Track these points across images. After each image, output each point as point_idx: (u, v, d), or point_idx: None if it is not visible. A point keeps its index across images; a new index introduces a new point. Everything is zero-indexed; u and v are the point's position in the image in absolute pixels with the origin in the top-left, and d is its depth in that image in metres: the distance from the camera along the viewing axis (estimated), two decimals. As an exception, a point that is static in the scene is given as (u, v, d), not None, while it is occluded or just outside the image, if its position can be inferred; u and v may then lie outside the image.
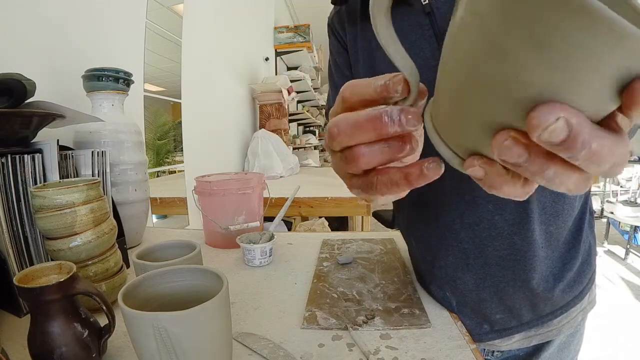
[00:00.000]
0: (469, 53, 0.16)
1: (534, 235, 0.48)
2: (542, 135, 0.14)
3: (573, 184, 0.17)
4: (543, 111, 0.14)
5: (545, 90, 0.14)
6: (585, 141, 0.14)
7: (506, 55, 0.14)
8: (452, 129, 0.20)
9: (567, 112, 0.14)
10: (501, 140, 0.16)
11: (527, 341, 0.55)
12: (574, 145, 0.14)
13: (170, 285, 0.38)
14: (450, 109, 0.19)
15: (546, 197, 0.48)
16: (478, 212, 0.48)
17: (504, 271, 0.50)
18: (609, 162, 0.15)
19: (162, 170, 1.45)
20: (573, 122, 0.14)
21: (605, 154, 0.15)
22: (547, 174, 0.16)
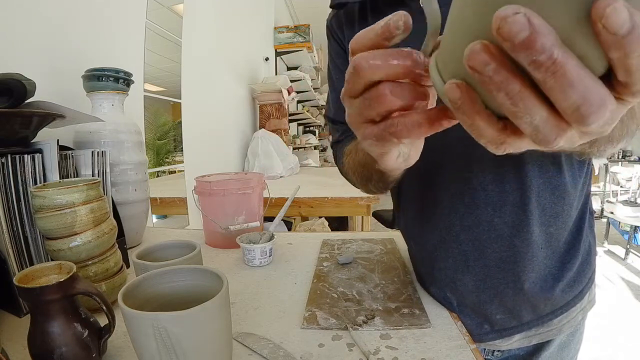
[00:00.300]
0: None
1: (533, 236, 0.48)
2: (502, 29, 0.14)
3: (541, 119, 0.16)
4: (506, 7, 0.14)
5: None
6: (545, 45, 0.13)
7: None
8: (446, 54, 0.20)
9: (530, 13, 0.13)
10: (471, 45, 0.16)
11: (527, 341, 0.55)
12: (534, 46, 0.13)
13: (170, 285, 0.38)
14: (447, 36, 0.20)
15: (546, 199, 0.48)
16: (477, 214, 0.49)
17: (504, 273, 0.50)
18: (577, 89, 0.14)
19: (162, 170, 1.45)
20: (534, 21, 0.13)
21: (572, 74, 0.14)
22: (512, 89, 0.16)
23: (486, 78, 0.16)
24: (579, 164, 0.51)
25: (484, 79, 0.16)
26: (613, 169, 4.15)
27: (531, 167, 0.47)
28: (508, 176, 0.47)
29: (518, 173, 0.47)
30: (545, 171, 0.47)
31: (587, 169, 0.53)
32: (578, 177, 0.51)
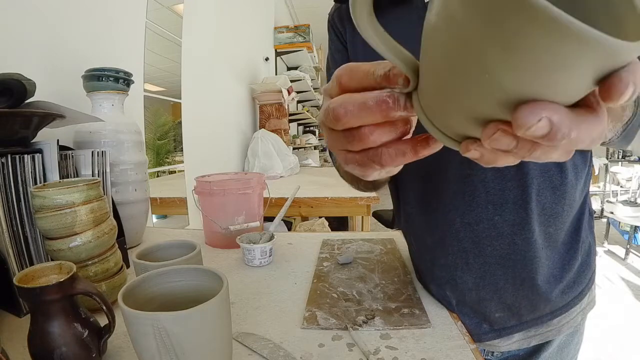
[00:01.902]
0: (451, 56, 0.17)
1: (534, 236, 0.48)
2: (526, 133, 0.16)
3: (557, 156, 0.19)
4: (526, 112, 0.15)
5: (526, 91, 0.15)
6: (565, 133, 0.16)
7: (485, 61, 0.15)
8: (441, 117, 0.21)
9: (548, 110, 0.15)
10: (490, 132, 0.18)
11: (526, 341, 0.55)
12: (555, 138, 0.16)
13: (170, 285, 0.38)
14: (437, 101, 0.20)
15: (546, 198, 0.48)
16: (478, 212, 0.49)
17: (504, 270, 0.50)
18: (586, 141, 0.17)
19: (162, 170, 1.44)
20: (554, 120, 0.15)
21: (584, 137, 0.16)
22: (534, 155, 0.18)
23: (511, 152, 0.18)
24: (582, 163, 0.51)
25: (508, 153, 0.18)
26: (613, 169, 4.15)
27: (532, 165, 0.47)
28: (509, 174, 0.47)
29: (519, 171, 0.47)
30: (546, 170, 0.47)
31: (588, 169, 0.53)
32: (579, 178, 0.51)
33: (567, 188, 0.49)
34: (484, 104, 0.17)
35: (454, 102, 0.19)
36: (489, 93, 0.16)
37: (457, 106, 0.19)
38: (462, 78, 0.17)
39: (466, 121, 0.19)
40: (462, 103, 0.18)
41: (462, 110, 0.19)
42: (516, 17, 0.13)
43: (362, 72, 0.24)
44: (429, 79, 0.20)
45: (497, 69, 0.15)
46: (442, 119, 0.21)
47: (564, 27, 0.12)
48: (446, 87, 0.18)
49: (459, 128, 0.20)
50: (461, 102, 0.18)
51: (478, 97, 0.17)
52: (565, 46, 0.13)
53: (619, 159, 5.04)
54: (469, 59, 0.16)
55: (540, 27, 0.13)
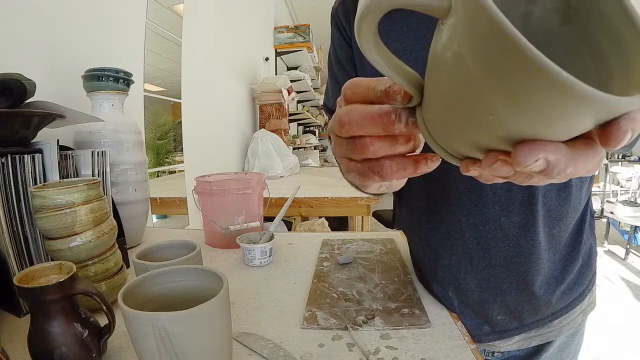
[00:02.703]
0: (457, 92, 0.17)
1: (539, 237, 0.48)
2: (524, 170, 0.17)
3: (556, 180, 0.20)
4: (525, 153, 0.16)
5: (527, 132, 0.16)
6: (561, 169, 0.17)
7: (491, 106, 0.16)
8: (443, 137, 0.22)
9: (546, 151, 0.16)
10: (490, 162, 0.19)
11: (527, 342, 0.55)
12: (551, 173, 0.17)
13: (170, 285, 0.38)
14: (440, 123, 0.21)
15: (552, 200, 0.48)
16: (484, 213, 0.48)
17: (508, 272, 0.50)
18: (582, 172, 0.18)
19: (162, 170, 1.44)
20: (551, 159, 0.16)
21: (579, 171, 0.17)
22: (532, 181, 0.19)
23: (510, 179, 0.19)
24: None
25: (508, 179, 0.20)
26: (613, 169, 4.15)
27: None
28: None
29: None
30: None
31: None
32: (584, 180, 0.51)
33: (572, 190, 0.49)
34: (486, 138, 0.18)
35: (456, 130, 0.20)
36: (491, 130, 0.17)
37: (460, 134, 0.20)
38: (466, 113, 0.18)
39: (468, 146, 0.20)
40: (465, 133, 0.19)
41: (464, 138, 0.19)
42: (525, 74, 0.14)
43: (364, 87, 0.25)
44: (433, 102, 0.20)
45: (501, 114, 0.16)
46: (444, 139, 0.22)
47: (568, 87, 0.13)
48: (450, 116, 0.19)
49: (460, 149, 0.21)
50: (464, 132, 0.19)
51: (481, 131, 0.18)
52: (568, 103, 0.14)
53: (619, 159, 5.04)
54: (476, 99, 0.16)
55: (545, 85, 0.13)
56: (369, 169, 0.26)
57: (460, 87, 0.17)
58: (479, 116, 0.17)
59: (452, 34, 0.16)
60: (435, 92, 0.20)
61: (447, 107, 0.19)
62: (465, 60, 0.16)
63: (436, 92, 0.20)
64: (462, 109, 0.18)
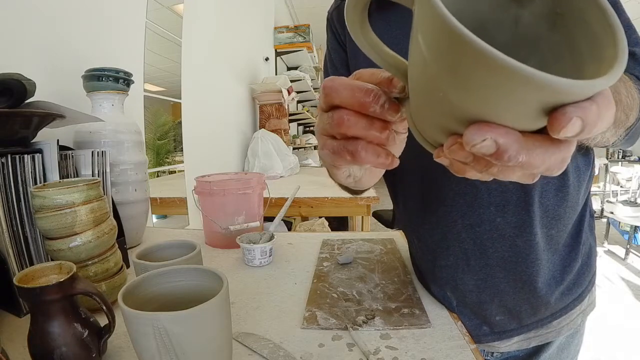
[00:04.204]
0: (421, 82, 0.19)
1: (536, 238, 0.48)
2: (473, 149, 0.17)
3: (518, 177, 0.19)
4: (472, 131, 0.17)
5: (479, 114, 0.17)
6: (512, 156, 0.16)
7: (439, 82, 0.17)
8: (421, 124, 0.23)
9: (494, 132, 0.16)
10: (449, 144, 0.19)
11: (526, 342, 0.55)
12: (502, 158, 0.17)
13: (170, 285, 0.38)
14: (418, 110, 0.22)
15: (549, 200, 0.48)
16: (480, 213, 0.48)
17: (505, 273, 0.50)
18: (542, 167, 0.17)
19: (162, 170, 1.44)
20: (500, 142, 0.16)
21: (537, 162, 0.17)
22: (492, 171, 0.19)
23: (470, 166, 0.19)
24: (585, 165, 0.51)
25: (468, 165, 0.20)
26: (613, 169, 4.15)
27: None
28: None
29: None
30: None
31: (591, 171, 0.53)
32: (582, 180, 0.51)
33: (570, 190, 0.48)
34: (446, 119, 0.19)
35: (427, 112, 0.21)
36: (447, 110, 0.18)
37: (429, 116, 0.21)
38: (428, 93, 0.19)
39: (437, 130, 0.21)
40: (432, 114, 0.20)
41: (433, 120, 0.21)
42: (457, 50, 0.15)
43: (369, 73, 0.25)
44: (411, 88, 0.22)
45: (450, 92, 0.17)
46: (422, 125, 0.23)
47: (495, 63, 0.13)
48: (421, 99, 0.20)
49: (433, 135, 0.22)
50: (431, 113, 0.20)
51: (440, 112, 0.19)
52: (501, 81, 0.14)
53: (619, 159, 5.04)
54: (430, 79, 0.18)
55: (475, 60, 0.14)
56: (343, 147, 0.26)
57: (420, 67, 0.18)
58: (435, 94, 0.18)
59: (414, 22, 0.18)
60: (411, 78, 0.21)
61: (417, 90, 0.20)
62: (419, 40, 0.17)
63: (411, 78, 0.21)
64: (424, 88, 0.19)
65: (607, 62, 0.16)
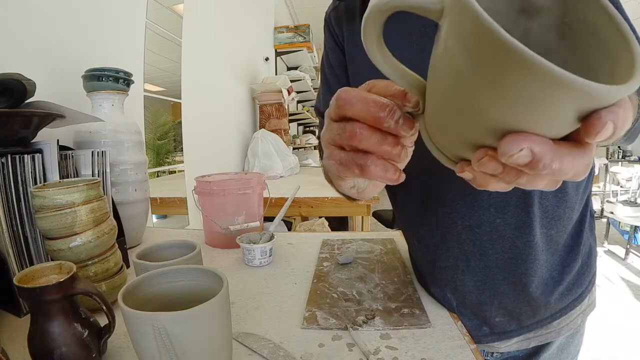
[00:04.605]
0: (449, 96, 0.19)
1: (536, 239, 0.48)
2: (509, 160, 0.17)
3: (544, 185, 0.20)
4: (509, 142, 0.17)
5: (512, 123, 0.17)
6: (546, 164, 0.17)
7: (477, 94, 0.17)
8: (441, 140, 0.23)
9: (530, 142, 0.17)
10: (479, 157, 0.19)
11: (526, 343, 0.55)
12: (537, 167, 0.17)
13: (170, 285, 0.38)
14: (438, 126, 0.22)
15: (549, 200, 0.48)
16: (479, 214, 0.48)
17: (505, 274, 0.50)
18: (570, 173, 0.18)
19: (162, 170, 1.44)
20: (536, 150, 0.17)
21: (567, 169, 0.17)
22: (520, 181, 0.19)
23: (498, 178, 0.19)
24: None
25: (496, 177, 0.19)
26: (613, 169, 4.15)
27: None
28: None
29: None
30: None
31: (591, 171, 0.53)
32: (581, 180, 0.51)
33: (569, 190, 0.48)
34: (476, 132, 0.19)
35: (452, 127, 0.21)
36: (479, 121, 0.18)
37: (455, 131, 0.21)
38: (457, 106, 0.19)
39: (461, 145, 0.21)
40: (459, 128, 0.20)
41: (459, 135, 0.20)
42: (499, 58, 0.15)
43: (384, 84, 0.25)
44: (433, 103, 0.22)
45: (485, 102, 0.17)
46: (442, 141, 0.23)
47: (540, 68, 0.14)
48: (445, 114, 0.20)
49: (456, 150, 0.22)
50: (457, 129, 0.20)
51: (470, 124, 0.19)
52: (543, 86, 0.14)
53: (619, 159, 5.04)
54: (463, 89, 0.18)
55: (518, 67, 0.14)
56: (352, 159, 0.26)
57: (451, 80, 0.18)
58: (468, 106, 0.18)
59: (444, 32, 0.18)
60: (434, 92, 0.21)
61: (442, 104, 0.20)
62: (453, 53, 0.17)
63: (435, 92, 0.21)
64: (453, 101, 0.19)
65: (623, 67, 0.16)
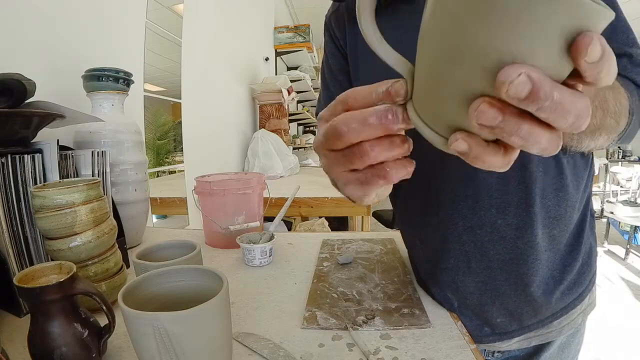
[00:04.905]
0: (439, 33, 0.19)
1: (537, 239, 0.48)
2: (509, 91, 0.16)
3: (546, 140, 0.18)
4: (507, 70, 0.16)
5: (507, 55, 0.16)
6: (547, 92, 0.16)
7: (469, 30, 0.17)
8: (433, 108, 0.22)
9: (527, 68, 0.16)
10: (477, 105, 0.18)
11: (526, 342, 0.55)
12: (538, 96, 0.16)
13: (170, 285, 0.38)
14: (429, 90, 0.21)
15: (550, 200, 0.48)
16: (481, 216, 0.48)
17: (506, 275, 0.50)
18: (572, 113, 0.17)
19: (162, 170, 1.44)
20: (534, 76, 0.16)
21: (567, 104, 0.17)
22: (521, 131, 0.18)
23: (498, 130, 0.18)
24: (583, 165, 0.51)
25: (495, 130, 0.18)
26: (613, 169, 4.15)
27: (535, 168, 0.46)
28: (512, 177, 0.46)
29: (522, 174, 0.46)
30: (548, 171, 0.47)
31: (590, 170, 0.53)
32: (580, 179, 0.50)
33: (570, 189, 0.48)
34: (471, 76, 0.18)
35: (445, 82, 0.20)
36: (474, 61, 0.17)
37: (447, 85, 0.20)
38: (451, 51, 0.18)
39: (455, 103, 0.20)
40: (452, 81, 0.19)
41: (451, 89, 0.19)
42: None
43: (366, 92, 0.24)
44: (423, 70, 0.21)
45: (479, 33, 0.17)
46: (433, 109, 0.22)
47: None
48: (439, 68, 0.20)
49: (450, 117, 0.21)
50: (451, 80, 0.19)
51: (465, 68, 0.18)
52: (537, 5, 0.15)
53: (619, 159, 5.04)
54: (455, 29, 0.18)
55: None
56: (372, 175, 0.26)
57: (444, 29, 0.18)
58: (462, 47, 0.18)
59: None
60: (425, 58, 0.21)
61: (436, 63, 0.20)
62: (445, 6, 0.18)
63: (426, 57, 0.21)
64: (447, 50, 0.19)
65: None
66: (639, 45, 0.42)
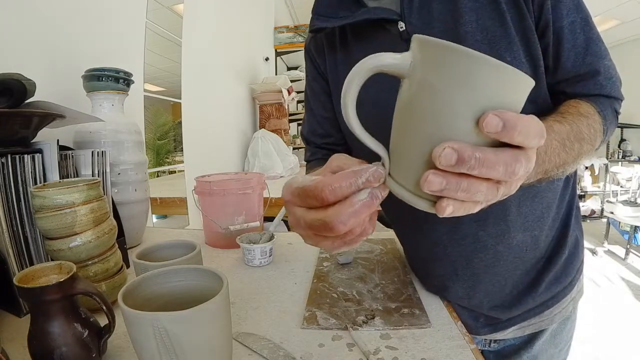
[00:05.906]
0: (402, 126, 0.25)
1: (515, 241, 0.51)
2: (441, 161, 0.21)
3: (485, 189, 0.23)
4: (436, 148, 0.22)
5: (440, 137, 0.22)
6: (469, 155, 0.21)
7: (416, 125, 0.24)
8: (411, 177, 0.25)
9: (449, 143, 0.21)
10: (425, 177, 0.23)
11: (521, 331, 0.58)
12: (463, 159, 0.21)
13: (170, 285, 0.38)
14: (400, 160, 0.26)
15: (527, 207, 0.50)
16: (463, 229, 0.51)
17: (491, 277, 0.53)
18: (499, 163, 0.22)
19: (162, 170, 1.44)
20: (456, 147, 0.21)
21: (492, 158, 0.22)
22: (463, 186, 0.22)
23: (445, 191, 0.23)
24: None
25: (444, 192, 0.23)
26: (613, 169, 4.14)
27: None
28: None
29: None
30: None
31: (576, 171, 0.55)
32: (558, 181, 0.53)
33: (547, 194, 0.51)
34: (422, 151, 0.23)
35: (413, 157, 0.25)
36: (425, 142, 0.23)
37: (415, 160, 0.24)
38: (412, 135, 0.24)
39: (417, 169, 0.24)
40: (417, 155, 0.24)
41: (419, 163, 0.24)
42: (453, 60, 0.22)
43: (346, 185, 0.27)
44: (398, 145, 0.26)
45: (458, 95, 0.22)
46: (412, 178, 0.25)
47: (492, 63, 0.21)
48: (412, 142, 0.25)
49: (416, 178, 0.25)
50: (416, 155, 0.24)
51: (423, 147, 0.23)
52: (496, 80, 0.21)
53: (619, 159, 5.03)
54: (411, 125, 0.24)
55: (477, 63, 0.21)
56: (344, 243, 0.30)
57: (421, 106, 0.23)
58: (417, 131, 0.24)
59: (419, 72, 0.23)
60: (401, 132, 0.25)
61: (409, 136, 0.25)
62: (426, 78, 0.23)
63: (400, 133, 0.26)
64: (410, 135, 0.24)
65: None
66: (608, 57, 0.45)
